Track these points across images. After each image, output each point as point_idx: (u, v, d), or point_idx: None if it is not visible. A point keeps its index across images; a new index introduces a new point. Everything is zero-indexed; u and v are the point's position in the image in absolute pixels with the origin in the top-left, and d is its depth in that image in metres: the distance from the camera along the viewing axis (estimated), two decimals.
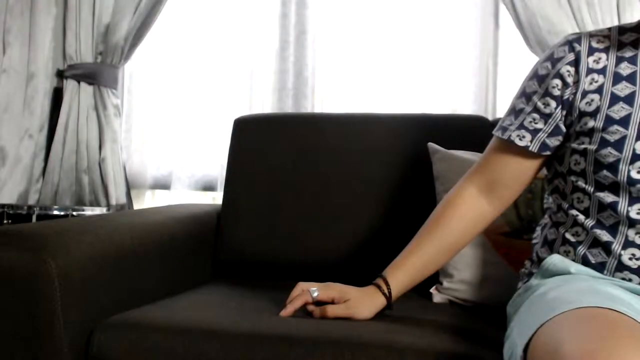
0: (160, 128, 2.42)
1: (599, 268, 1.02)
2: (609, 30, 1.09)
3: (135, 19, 2.31)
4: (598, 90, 1.04)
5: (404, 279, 1.19)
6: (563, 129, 1.09)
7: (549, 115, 1.08)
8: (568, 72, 1.06)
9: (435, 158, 1.55)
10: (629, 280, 1.00)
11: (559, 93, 1.07)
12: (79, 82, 2.36)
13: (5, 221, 1.94)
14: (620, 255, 1.00)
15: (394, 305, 1.20)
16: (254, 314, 1.22)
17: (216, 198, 2.40)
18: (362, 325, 1.13)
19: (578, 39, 1.08)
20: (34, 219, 1.94)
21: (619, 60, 1.05)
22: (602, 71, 1.05)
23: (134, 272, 1.36)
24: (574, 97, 1.06)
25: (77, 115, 2.36)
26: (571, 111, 1.07)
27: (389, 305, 1.19)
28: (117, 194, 2.33)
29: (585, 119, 1.05)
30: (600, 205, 1.03)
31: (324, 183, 1.69)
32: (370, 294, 1.19)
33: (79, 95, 2.36)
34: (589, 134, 1.04)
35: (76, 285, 1.17)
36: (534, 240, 1.19)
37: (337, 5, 2.29)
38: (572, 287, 0.95)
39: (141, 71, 2.47)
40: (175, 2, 2.38)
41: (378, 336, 1.08)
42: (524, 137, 1.10)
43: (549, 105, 1.08)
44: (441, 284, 1.44)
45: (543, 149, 1.10)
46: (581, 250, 1.05)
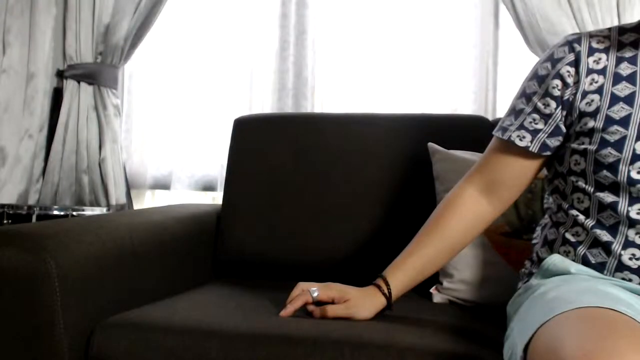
0: (160, 128, 2.42)
1: (599, 268, 1.02)
2: (608, 31, 1.09)
3: (135, 19, 2.31)
4: (598, 90, 1.04)
5: (404, 279, 1.19)
6: (563, 129, 1.09)
7: (549, 116, 1.08)
8: (568, 73, 1.06)
9: (435, 158, 1.55)
10: (629, 280, 1.00)
11: (559, 93, 1.07)
12: (79, 82, 2.36)
13: (5, 221, 1.94)
14: (621, 255, 1.00)
15: (394, 305, 1.20)
16: (254, 314, 1.22)
17: (216, 198, 2.40)
18: (362, 325, 1.13)
19: (578, 40, 1.08)
20: (34, 219, 1.94)
21: (619, 61, 1.05)
22: (602, 71, 1.05)
23: (134, 272, 1.36)
24: (574, 98, 1.06)
25: (77, 115, 2.36)
26: (571, 111, 1.07)
27: (389, 306, 1.19)
28: (117, 194, 2.33)
29: (585, 119, 1.05)
30: (600, 205, 1.03)
31: (324, 183, 1.69)
32: (370, 294, 1.19)
33: (79, 95, 2.36)
34: (589, 134, 1.04)
35: (76, 285, 1.17)
36: (534, 241, 1.19)
37: (337, 5, 2.29)
38: (572, 287, 0.95)
39: (141, 71, 2.47)
40: (175, 2, 2.38)
41: (378, 336, 1.08)
42: (524, 138, 1.10)
43: (549, 105, 1.08)
44: (441, 284, 1.44)
45: (543, 149, 1.10)
46: (581, 250, 1.05)
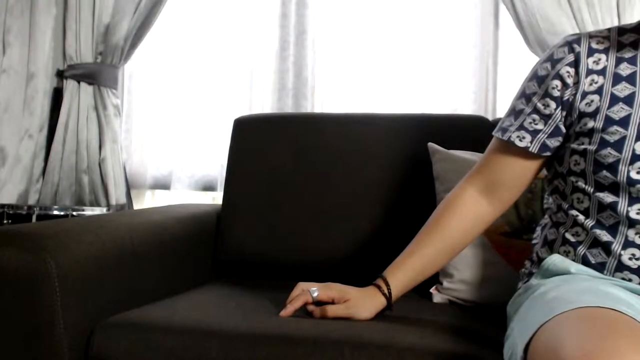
0: (160, 128, 2.42)
1: (599, 268, 1.02)
2: (608, 31, 1.09)
3: (135, 19, 2.31)
4: (598, 91, 1.04)
5: (404, 279, 1.19)
6: (563, 129, 1.09)
7: (549, 116, 1.08)
8: (568, 73, 1.06)
9: (435, 158, 1.55)
10: (629, 280, 1.00)
11: (559, 94, 1.07)
12: (79, 82, 2.36)
13: (5, 221, 1.94)
14: (620, 255, 1.00)
15: (394, 305, 1.20)
16: (254, 314, 1.22)
17: (216, 198, 2.40)
18: (362, 325, 1.13)
19: (577, 40, 1.08)
20: (34, 219, 1.94)
21: (618, 61, 1.05)
22: (602, 72, 1.05)
23: (134, 272, 1.36)
24: (573, 98, 1.06)
25: (77, 115, 2.36)
26: (571, 112, 1.07)
27: (389, 306, 1.19)
28: (117, 194, 2.33)
29: (585, 119, 1.05)
30: (600, 205, 1.03)
31: (324, 183, 1.69)
32: (371, 294, 1.19)
33: (79, 95, 2.36)
34: (588, 134, 1.04)
35: (76, 285, 1.17)
36: (534, 241, 1.19)
37: (337, 5, 2.29)
38: (572, 287, 0.95)
39: (141, 71, 2.47)
40: (175, 2, 2.38)
41: (378, 336, 1.08)
42: (524, 138, 1.10)
43: (549, 106, 1.08)
44: (441, 284, 1.44)
45: (543, 149, 1.10)
46: (581, 250, 1.05)
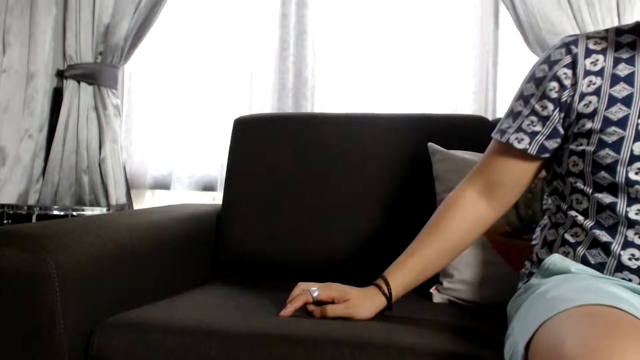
0: (160, 128, 2.43)
1: (598, 268, 1.02)
2: (605, 32, 1.09)
3: (135, 19, 2.31)
4: (596, 92, 1.04)
5: (404, 279, 1.19)
6: (561, 131, 1.09)
7: (547, 118, 1.08)
8: (565, 75, 1.06)
9: (435, 158, 1.55)
10: (629, 281, 1.00)
11: (557, 95, 1.07)
12: (79, 82, 2.36)
13: (5, 221, 1.94)
14: (620, 255, 1.00)
15: (394, 305, 1.20)
16: (254, 314, 1.22)
17: (216, 198, 2.40)
18: (362, 325, 1.13)
19: (575, 41, 1.08)
20: (34, 219, 1.94)
21: (616, 62, 1.05)
22: (600, 73, 1.05)
23: (134, 272, 1.36)
24: (571, 100, 1.06)
25: (77, 115, 2.36)
26: (569, 113, 1.07)
27: (389, 306, 1.19)
28: (117, 194, 2.34)
29: (583, 120, 1.05)
30: (599, 206, 1.03)
31: (324, 183, 1.69)
32: (371, 294, 1.19)
33: (79, 95, 2.36)
34: (586, 135, 1.04)
35: (76, 285, 1.17)
36: (533, 241, 1.19)
37: (337, 5, 2.29)
38: (573, 286, 0.95)
39: (141, 71, 2.47)
40: (175, 2, 2.38)
41: (378, 336, 1.08)
42: (522, 140, 1.10)
43: (547, 107, 1.08)
44: (441, 284, 1.44)
45: (541, 151, 1.10)
46: (580, 250, 1.05)
